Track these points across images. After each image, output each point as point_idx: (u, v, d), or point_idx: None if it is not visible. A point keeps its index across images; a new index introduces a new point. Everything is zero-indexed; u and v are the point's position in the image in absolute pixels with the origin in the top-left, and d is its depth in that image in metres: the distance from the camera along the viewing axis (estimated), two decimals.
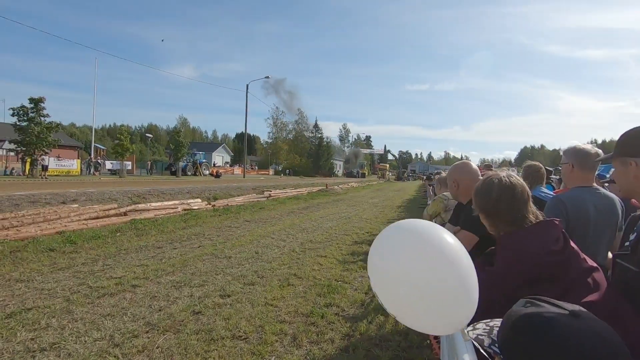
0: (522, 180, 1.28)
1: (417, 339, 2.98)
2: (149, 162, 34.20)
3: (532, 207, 1.24)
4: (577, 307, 0.71)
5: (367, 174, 69.27)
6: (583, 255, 1.16)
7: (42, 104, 20.15)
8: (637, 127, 1.15)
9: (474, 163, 2.57)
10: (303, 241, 6.86)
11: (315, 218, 10.25)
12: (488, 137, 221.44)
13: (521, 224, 1.20)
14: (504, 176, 1.26)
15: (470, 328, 0.85)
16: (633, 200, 1.84)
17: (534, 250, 1.12)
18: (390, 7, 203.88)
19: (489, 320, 0.85)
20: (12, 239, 5.70)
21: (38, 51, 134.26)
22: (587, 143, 2.04)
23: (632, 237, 1.14)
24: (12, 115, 19.67)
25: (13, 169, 22.26)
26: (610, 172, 3.72)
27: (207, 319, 3.26)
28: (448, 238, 0.93)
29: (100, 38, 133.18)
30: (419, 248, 0.90)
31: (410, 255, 0.90)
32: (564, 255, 1.12)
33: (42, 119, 20.22)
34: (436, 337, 2.88)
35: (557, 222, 1.19)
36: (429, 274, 0.85)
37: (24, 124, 19.64)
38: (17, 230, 6.09)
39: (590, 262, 1.15)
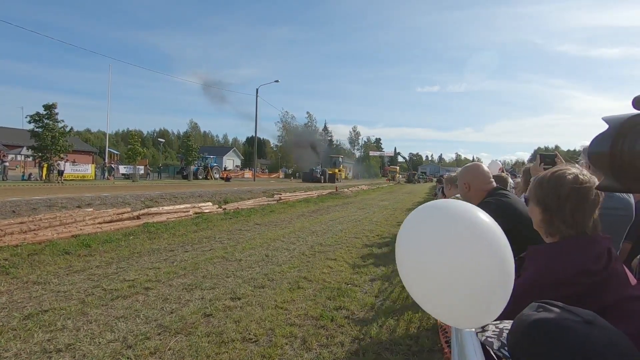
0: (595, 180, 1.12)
1: (428, 343, 2.95)
2: (154, 167, 34.86)
3: (597, 213, 1.09)
4: (591, 314, 0.69)
5: (342, 175, 48.28)
6: (631, 280, 1.01)
7: (54, 110, 20.71)
8: None
9: (485, 164, 2.54)
10: (313, 244, 6.86)
11: (325, 221, 10.24)
12: (500, 138, 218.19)
13: (582, 230, 1.07)
14: (579, 174, 1.07)
15: (479, 329, 0.83)
16: None
17: (563, 269, 1.01)
18: (401, 10, 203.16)
19: (498, 322, 0.84)
20: (30, 242, 5.85)
21: (55, 60, 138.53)
22: None
23: None
24: (29, 122, 20.28)
25: (31, 174, 22.92)
26: None
27: (218, 322, 3.28)
28: (485, 218, 0.88)
29: (114, 46, 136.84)
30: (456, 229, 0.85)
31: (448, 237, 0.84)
32: (602, 276, 0.99)
33: (56, 124, 20.76)
34: (447, 341, 2.84)
35: (603, 238, 1.06)
36: (467, 258, 0.81)
37: (40, 130, 20.21)
38: (35, 233, 6.25)
39: (637, 290, 0.99)
